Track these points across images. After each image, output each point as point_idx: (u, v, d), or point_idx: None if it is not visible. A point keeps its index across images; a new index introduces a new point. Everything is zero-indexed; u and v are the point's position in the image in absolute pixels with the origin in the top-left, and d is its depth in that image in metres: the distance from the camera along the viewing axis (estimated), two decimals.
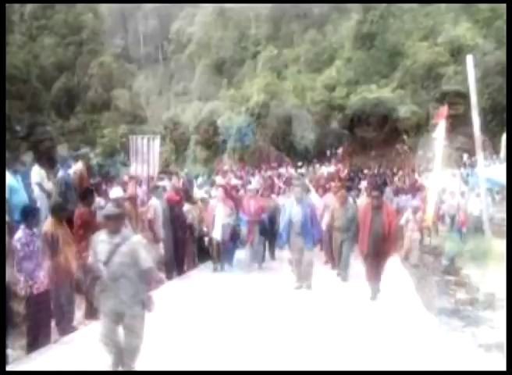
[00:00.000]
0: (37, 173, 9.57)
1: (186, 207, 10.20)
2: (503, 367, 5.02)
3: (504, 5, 18.68)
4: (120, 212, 4.84)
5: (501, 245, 10.30)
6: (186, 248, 10.08)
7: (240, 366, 5.19)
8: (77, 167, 9.27)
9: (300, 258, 8.52)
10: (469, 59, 12.71)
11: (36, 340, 5.67)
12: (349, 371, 5.17)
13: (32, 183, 9.39)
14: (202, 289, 8.59)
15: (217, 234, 9.84)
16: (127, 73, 59.74)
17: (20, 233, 5.62)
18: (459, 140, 28.94)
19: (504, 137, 18.69)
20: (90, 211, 7.18)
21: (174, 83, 59.81)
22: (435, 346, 5.92)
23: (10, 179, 7.63)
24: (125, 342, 4.69)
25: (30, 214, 5.83)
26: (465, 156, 26.48)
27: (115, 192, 8.11)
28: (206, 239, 10.34)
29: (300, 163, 28.45)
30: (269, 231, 10.92)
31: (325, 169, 26.13)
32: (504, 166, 14.19)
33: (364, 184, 17.59)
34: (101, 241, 4.69)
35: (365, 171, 24.46)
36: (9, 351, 5.51)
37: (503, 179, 12.63)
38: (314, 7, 46.25)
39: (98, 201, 9.95)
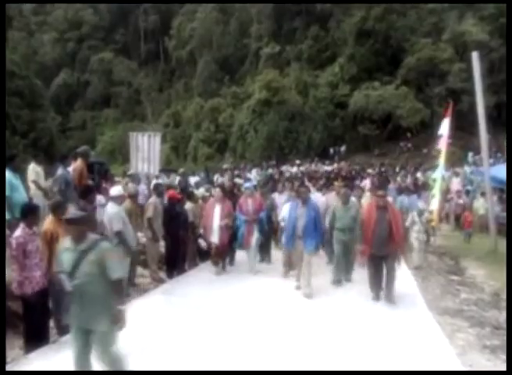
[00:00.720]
0: (34, 170, 9.55)
1: (188, 205, 10.17)
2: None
3: None
4: (84, 217, 4.32)
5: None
6: (187, 246, 10.02)
7: (240, 367, 5.19)
8: (77, 165, 9.23)
9: (299, 261, 8.35)
10: (474, 56, 12.69)
11: (33, 340, 5.63)
12: (349, 371, 5.18)
13: (28, 180, 9.38)
14: (202, 289, 8.58)
15: (215, 237, 9.57)
16: (127, 70, 59.84)
17: (19, 232, 5.58)
18: (463, 138, 28.95)
19: None
20: (91, 208, 7.15)
21: (175, 80, 59.83)
22: (439, 347, 5.90)
23: (10, 176, 7.63)
24: (102, 362, 4.33)
25: (29, 212, 5.81)
26: (470, 154, 26.43)
27: (116, 190, 8.08)
28: (203, 243, 10.02)
29: (298, 161, 28.33)
30: (268, 231, 10.62)
31: (326, 168, 26.18)
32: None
33: (365, 183, 17.56)
34: (65, 249, 4.30)
35: (369, 170, 24.40)
36: (7, 352, 5.51)
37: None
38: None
39: (99, 199, 9.96)
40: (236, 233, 9.94)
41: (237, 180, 14.30)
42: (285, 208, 9.45)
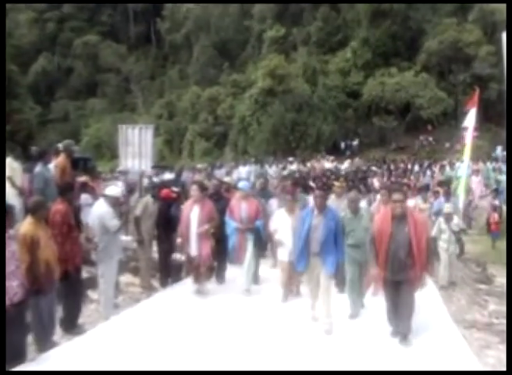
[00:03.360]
0: (10, 166, 9.54)
1: None
2: None
3: None
4: None
5: None
6: None
7: None
8: (59, 161, 9.23)
9: (316, 285, 7.28)
10: (504, 38, 12.62)
11: (9, 358, 5.42)
12: (349, 371, 5.29)
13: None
14: (198, 300, 8.55)
15: (192, 248, 8.65)
16: (115, 55, 59.80)
17: None
18: (491, 129, 28.87)
19: None
20: (70, 207, 7.11)
21: (169, 67, 59.78)
22: (465, 366, 5.86)
23: None
24: None
25: (5, 214, 5.71)
26: (499, 148, 26.31)
27: (112, 190, 7.96)
28: (178, 256, 9.46)
29: (291, 159, 27.93)
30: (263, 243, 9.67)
31: (326, 165, 26.14)
32: None
33: (372, 183, 17.30)
34: None
35: (373, 168, 24.13)
36: None
37: None
38: None
39: (86, 198, 9.95)
40: (225, 243, 9.09)
41: (227, 179, 13.54)
42: (276, 216, 8.73)
